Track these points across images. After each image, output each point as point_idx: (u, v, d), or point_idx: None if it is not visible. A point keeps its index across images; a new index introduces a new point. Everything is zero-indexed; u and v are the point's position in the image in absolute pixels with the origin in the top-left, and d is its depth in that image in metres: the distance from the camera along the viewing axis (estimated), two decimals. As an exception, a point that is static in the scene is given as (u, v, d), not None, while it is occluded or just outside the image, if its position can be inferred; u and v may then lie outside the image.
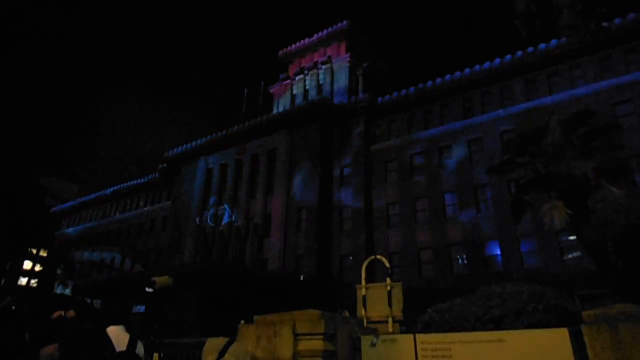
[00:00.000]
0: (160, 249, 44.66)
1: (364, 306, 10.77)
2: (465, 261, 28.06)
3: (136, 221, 50.06)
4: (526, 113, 28.76)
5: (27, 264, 63.83)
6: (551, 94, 28.83)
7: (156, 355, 8.94)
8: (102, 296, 30.37)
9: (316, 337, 6.19)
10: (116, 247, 50.36)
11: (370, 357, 6.77)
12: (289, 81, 46.61)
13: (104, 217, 55.05)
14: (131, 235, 49.71)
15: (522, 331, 6.51)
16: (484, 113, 31.16)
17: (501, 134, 29.26)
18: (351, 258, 31.60)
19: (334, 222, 33.81)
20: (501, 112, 30.21)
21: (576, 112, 14.45)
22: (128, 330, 4.46)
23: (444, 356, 6.11)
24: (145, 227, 48.62)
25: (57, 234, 60.56)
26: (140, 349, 4.62)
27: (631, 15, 27.04)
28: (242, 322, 7.51)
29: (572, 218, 12.87)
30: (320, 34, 46.82)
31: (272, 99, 47.72)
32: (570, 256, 24.42)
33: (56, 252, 57.63)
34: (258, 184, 38.06)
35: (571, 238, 22.75)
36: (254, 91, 46.09)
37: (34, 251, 64.33)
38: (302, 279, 30.53)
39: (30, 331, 4.50)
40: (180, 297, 22.77)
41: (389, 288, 10.74)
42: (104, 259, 50.87)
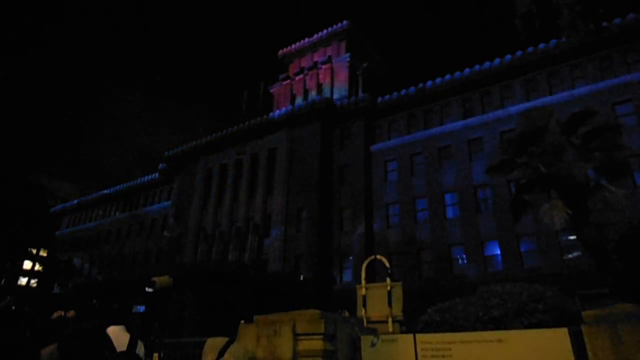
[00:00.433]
0: (160, 249, 44.69)
1: (364, 306, 10.76)
2: (465, 261, 28.06)
3: (136, 221, 50.07)
4: (526, 113, 28.60)
5: (27, 264, 63.78)
6: (551, 94, 28.83)
7: (156, 355, 8.94)
8: (102, 296, 30.35)
9: (316, 337, 6.19)
10: (116, 247, 50.39)
11: (370, 357, 6.77)
12: (289, 81, 46.61)
13: (104, 217, 55.07)
14: (131, 235, 49.73)
15: (522, 331, 6.52)
16: (484, 113, 31.17)
17: (501, 134, 29.26)
18: (351, 258, 31.61)
19: (334, 222, 33.82)
20: (501, 112, 30.22)
21: (576, 112, 14.44)
22: (128, 330, 4.46)
23: (444, 356, 6.11)
24: (145, 227, 48.64)
25: (57, 234, 60.58)
26: (140, 349, 4.62)
27: (631, 15, 27.06)
28: (242, 322, 7.51)
29: (572, 218, 12.87)
30: (320, 34, 46.85)
31: (272, 99, 47.73)
32: (570, 256, 24.42)
33: (56, 252, 57.62)
34: (258, 184, 38.06)
35: (571, 238, 22.76)
36: (254, 91, 46.14)
37: (34, 251, 64.25)
38: (302, 279, 30.54)
39: (30, 331, 4.50)
40: (180, 297, 22.78)
41: (389, 288, 10.73)
42: (103, 259, 50.90)
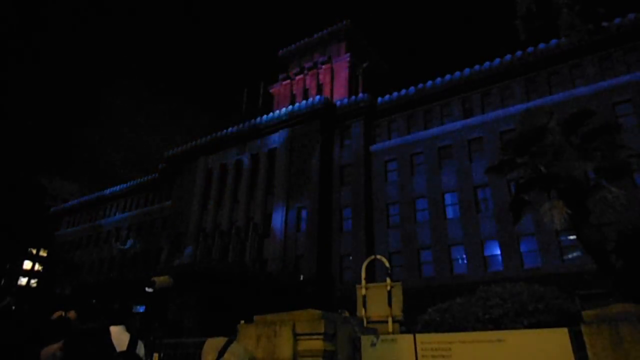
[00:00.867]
0: (160, 249, 44.67)
1: (364, 306, 10.75)
2: (465, 261, 28.06)
3: (136, 221, 50.07)
4: (526, 113, 28.69)
5: (27, 264, 63.81)
6: (551, 94, 28.83)
7: (156, 355, 8.94)
8: (102, 296, 30.35)
9: (316, 337, 6.19)
10: (116, 247, 50.38)
11: (370, 357, 6.77)
12: (289, 81, 46.61)
13: (104, 217, 55.06)
14: (131, 235, 49.71)
15: (522, 331, 6.52)
16: (484, 113, 31.17)
17: (501, 134, 29.26)
18: (351, 258, 31.61)
19: (334, 222, 33.82)
20: (501, 112, 30.22)
21: (576, 112, 14.42)
22: (128, 330, 4.47)
23: (444, 356, 6.11)
24: (145, 227, 48.62)
25: (57, 234, 60.58)
26: (140, 349, 4.62)
27: (631, 15, 27.07)
28: (242, 322, 7.51)
29: (572, 218, 12.86)
30: (320, 33, 46.86)
31: (272, 99, 47.73)
32: (570, 256, 24.42)
33: (56, 252, 57.63)
34: (258, 183, 38.05)
35: (571, 238, 22.76)
36: (254, 91, 46.13)
37: (34, 251, 64.31)
38: (302, 279, 30.53)
39: (30, 331, 4.50)
40: (180, 297, 22.77)
41: (389, 288, 10.72)
42: (103, 259, 50.89)
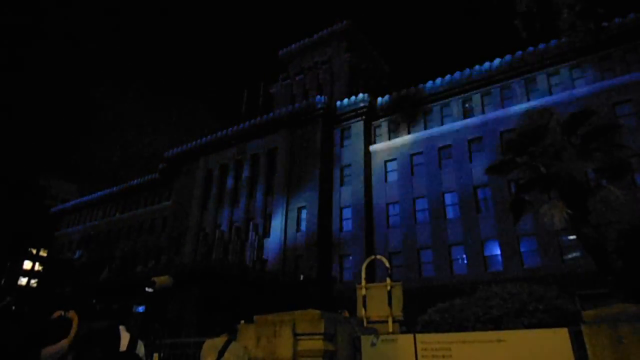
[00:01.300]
0: (160, 249, 44.67)
1: (364, 306, 10.75)
2: (465, 261, 28.06)
3: (136, 221, 50.06)
4: (526, 113, 28.72)
5: (27, 264, 63.79)
6: (551, 94, 28.83)
7: (156, 355, 8.94)
8: (102, 296, 30.33)
9: (316, 337, 6.19)
10: (116, 247, 50.38)
11: (370, 357, 6.77)
12: (289, 81, 46.60)
13: (104, 217, 55.04)
14: (131, 235, 49.71)
15: (522, 331, 6.51)
16: (484, 113, 31.17)
17: (501, 134, 29.27)
18: (351, 258, 31.61)
19: (334, 222, 33.82)
20: (501, 112, 30.22)
21: (576, 112, 14.42)
22: (128, 330, 4.47)
23: (444, 356, 6.11)
24: (145, 227, 48.61)
25: (57, 234, 60.57)
26: (140, 349, 4.62)
27: (631, 15, 27.06)
28: (242, 322, 7.51)
29: (572, 218, 12.87)
30: (321, 33, 46.82)
31: (272, 99, 47.71)
32: (570, 256, 24.41)
33: (56, 252, 57.61)
34: (258, 184, 38.05)
35: (571, 238, 22.76)
36: (254, 91, 46.13)
37: (34, 251, 64.26)
38: (302, 279, 30.52)
39: (30, 331, 4.50)
40: (180, 297, 22.76)
41: (389, 288, 10.71)
42: (104, 259, 50.86)
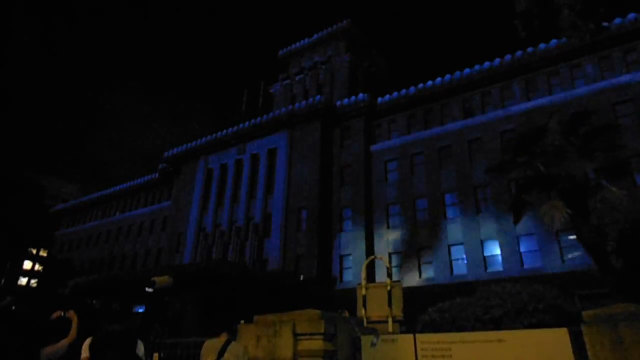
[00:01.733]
0: (160, 249, 44.68)
1: (364, 306, 10.75)
2: (465, 261, 28.06)
3: (136, 221, 50.07)
4: (526, 113, 28.79)
5: (27, 264, 63.79)
6: (551, 94, 28.83)
7: (156, 355, 8.93)
8: (102, 296, 30.30)
9: (316, 337, 6.19)
10: (116, 247, 50.38)
11: (370, 357, 6.77)
12: (289, 81, 46.61)
13: (104, 217, 55.05)
14: (131, 235, 49.71)
15: (522, 331, 6.52)
16: (484, 113, 31.16)
17: (501, 134, 29.27)
18: (351, 258, 31.61)
19: (334, 222, 33.81)
20: (501, 112, 30.22)
21: (576, 112, 14.45)
22: (128, 330, 4.47)
23: (444, 356, 6.11)
24: (145, 227, 48.62)
25: (57, 234, 60.58)
26: (140, 348, 4.62)
27: (631, 15, 27.06)
28: (242, 322, 7.51)
29: (572, 218, 12.86)
30: (320, 33, 46.83)
31: (272, 99, 47.72)
32: (570, 256, 24.41)
33: (56, 252, 57.61)
34: (258, 184, 38.05)
35: (571, 238, 22.74)
36: (254, 91, 46.16)
37: (34, 251, 64.26)
38: (302, 279, 30.52)
39: (30, 331, 4.50)
40: (180, 297, 22.73)
41: (389, 288, 10.72)
42: (103, 259, 50.88)
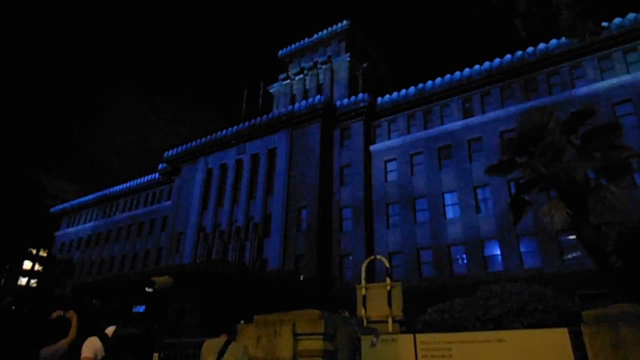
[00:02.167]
0: (160, 249, 44.68)
1: (364, 306, 10.74)
2: (465, 261, 28.06)
3: (136, 221, 50.07)
4: (526, 113, 28.73)
5: (27, 264, 63.79)
6: (551, 94, 28.83)
7: (156, 355, 8.92)
8: (102, 296, 30.30)
9: (316, 337, 6.19)
10: (116, 247, 50.39)
11: (370, 357, 6.76)
12: (289, 81, 46.60)
13: (104, 217, 55.07)
14: (131, 235, 49.72)
15: (522, 331, 6.52)
16: (484, 113, 31.17)
17: (501, 134, 29.27)
18: (351, 258, 31.60)
19: (334, 222, 33.80)
20: (501, 112, 30.22)
21: (576, 112, 14.41)
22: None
23: (444, 356, 6.10)
24: (145, 227, 48.62)
25: (57, 234, 60.57)
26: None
27: (631, 15, 27.06)
28: (242, 322, 7.51)
29: (572, 218, 12.85)
30: (321, 33, 46.84)
31: (272, 99, 47.73)
32: (570, 256, 24.42)
33: (56, 252, 57.61)
34: (258, 184, 38.05)
35: (571, 238, 22.77)
36: (254, 91, 46.13)
37: (34, 251, 64.27)
38: (302, 279, 30.51)
39: (30, 331, 4.50)
40: (180, 297, 22.73)
41: (389, 288, 10.71)
42: (103, 259, 50.89)
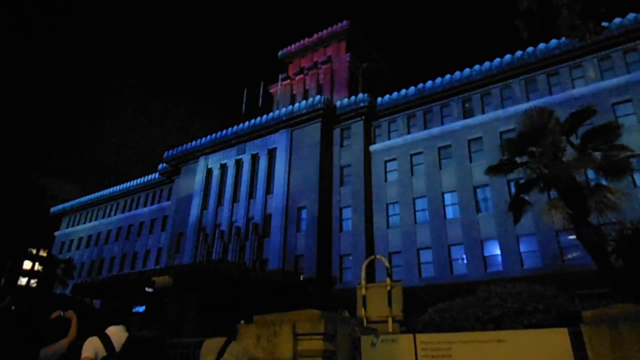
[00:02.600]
0: (160, 249, 44.68)
1: (364, 306, 10.74)
2: (465, 261, 28.05)
3: (136, 221, 50.07)
4: (526, 113, 28.72)
5: (27, 264, 63.82)
6: (551, 94, 28.82)
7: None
8: (102, 296, 30.29)
9: (316, 337, 6.18)
10: (116, 247, 50.38)
11: (370, 357, 6.76)
12: (289, 81, 46.61)
13: (104, 217, 55.07)
14: (131, 235, 49.71)
15: (522, 331, 6.51)
16: (484, 113, 31.16)
17: (501, 134, 29.26)
18: (351, 258, 31.60)
19: (334, 222, 33.80)
20: (501, 112, 30.21)
21: (576, 112, 14.44)
22: (127, 330, 4.46)
23: (444, 356, 6.10)
24: (145, 227, 48.62)
25: (57, 234, 60.58)
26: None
27: (631, 15, 27.05)
28: (242, 322, 7.50)
29: (572, 218, 12.86)
30: (320, 34, 46.86)
31: (272, 99, 47.74)
32: (570, 256, 24.41)
33: (56, 252, 57.63)
34: (258, 184, 38.05)
35: (571, 238, 22.75)
36: (254, 91, 46.12)
37: (34, 251, 64.31)
38: (302, 279, 30.51)
39: (30, 331, 4.50)
40: (180, 297, 22.72)
41: (389, 288, 10.71)
42: (103, 259, 50.89)
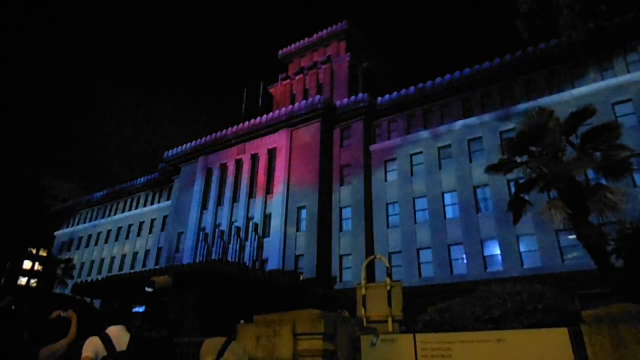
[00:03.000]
0: (160, 249, 44.68)
1: (364, 306, 10.75)
2: (465, 261, 28.05)
3: (136, 221, 50.08)
4: (526, 113, 28.73)
5: (27, 264, 63.82)
6: (551, 94, 28.82)
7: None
8: (102, 296, 30.28)
9: (316, 337, 6.18)
10: (116, 247, 50.38)
11: (370, 357, 6.76)
12: (289, 81, 46.62)
13: (104, 217, 55.08)
14: (131, 235, 49.72)
15: (522, 331, 6.51)
16: (484, 113, 31.17)
17: (501, 134, 29.27)
18: (351, 258, 31.61)
19: (334, 222, 33.80)
20: (501, 112, 30.22)
21: (576, 112, 14.43)
22: (128, 330, 4.46)
23: (444, 356, 6.10)
24: (145, 227, 48.63)
25: (57, 233, 60.58)
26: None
27: (631, 15, 27.05)
28: (242, 322, 7.50)
29: (572, 218, 12.86)
30: (320, 34, 46.86)
31: (272, 98, 47.74)
32: (570, 256, 24.42)
33: (56, 252, 57.64)
34: (258, 184, 38.06)
35: (571, 238, 22.75)
36: (254, 91, 46.13)
37: (34, 251, 64.29)
38: (302, 279, 30.51)
39: (30, 331, 4.50)
40: (180, 297, 22.72)
41: (389, 288, 10.72)
42: (103, 259, 50.89)
